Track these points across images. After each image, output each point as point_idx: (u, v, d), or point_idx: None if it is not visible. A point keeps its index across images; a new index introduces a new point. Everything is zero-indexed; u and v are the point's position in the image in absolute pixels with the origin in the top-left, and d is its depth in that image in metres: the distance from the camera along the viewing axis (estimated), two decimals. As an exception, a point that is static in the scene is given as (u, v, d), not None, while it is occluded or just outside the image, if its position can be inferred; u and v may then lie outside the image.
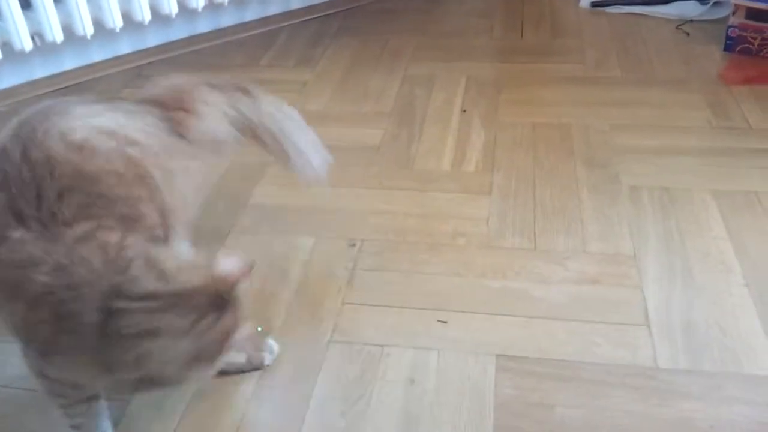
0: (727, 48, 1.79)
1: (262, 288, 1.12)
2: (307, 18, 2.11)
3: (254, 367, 0.98)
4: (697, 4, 2.01)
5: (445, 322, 1.04)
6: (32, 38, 1.64)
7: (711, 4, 1.99)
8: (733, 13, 1.75)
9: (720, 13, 1.95)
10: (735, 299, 1.05)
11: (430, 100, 1.65)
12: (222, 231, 1.25)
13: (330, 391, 0.95)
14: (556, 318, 1.04)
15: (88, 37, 1.70)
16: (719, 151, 1.40)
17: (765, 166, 1.34)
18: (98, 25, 1.72)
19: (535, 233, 1.21)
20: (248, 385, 0.96)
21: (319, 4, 2.16)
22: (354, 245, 1.20)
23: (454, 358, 0.98)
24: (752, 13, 1.73)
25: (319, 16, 2.13)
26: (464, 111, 1.58)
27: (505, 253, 1.17)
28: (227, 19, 2.03)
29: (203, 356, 0.71)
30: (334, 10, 2.15)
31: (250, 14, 2.06)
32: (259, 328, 1.01)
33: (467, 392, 0.93)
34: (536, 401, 0.92)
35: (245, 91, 1.02)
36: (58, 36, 1.65)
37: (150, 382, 0.73)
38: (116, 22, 1.72)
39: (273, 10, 2.09)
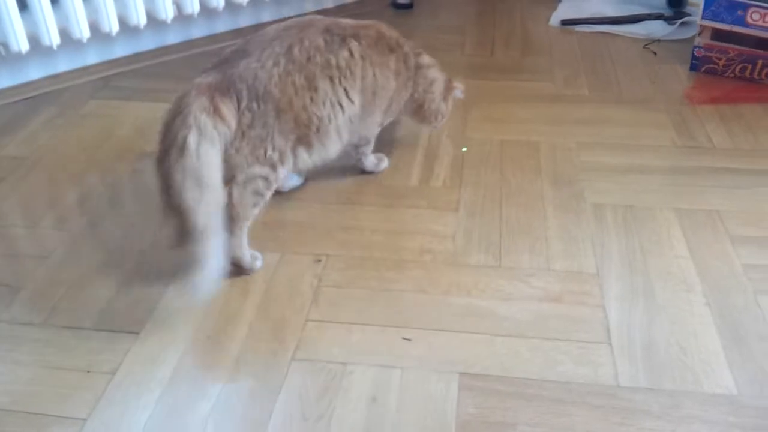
0: (693, 68, 1.82)
1: (224, 303, 1.10)
2: (278, 31, 2.11)
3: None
4: (665, 24, 2.05)
5: (409, 340, 1.04)
6: (-4, 47, 1.62)
7: (678, 24, 2.03)
8: (699, 34, 1.78)
9: (686, 33, 1.99)
10: (696, 318, 1.06)
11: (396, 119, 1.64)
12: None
13: (291, 410, 0.94)
14: (519, 336, 1.04)
15: (55, 48, 1.68)
16: (683, 170, 1.42)
17: (727, 185, 1.36)
18: (65, 35, 1.70)
19: (500, 250, 1.21)
20: (208, 401, 0.95)
21: (291, 17, 2.15)
22: (320, 261, 1.19)
23: (417, 376, 0.97)
24: (718, 34, 1.76)
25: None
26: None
27: (470, 271, 1.17)
28: (197, 31, 2.02)
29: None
30: (306, 24, 2.15)
31: (221, 26, 2.05)
32: (464, 149, 1.41)
33: (430, 411, 0.93)
34: (498, 420, 0.92)
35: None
36: (24, 46, 1.63)
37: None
38: (83, 32, 1.69)
39: (244, 22, 2.09)
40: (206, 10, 1.91)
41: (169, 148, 1.03)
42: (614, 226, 1.26)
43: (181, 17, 1.89)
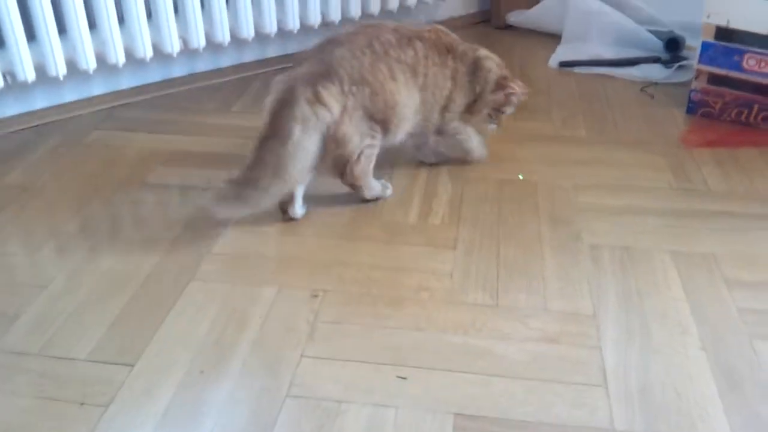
0: (690, 111, 1.85)
1: (219, 338, 1.11)
2: (282, 66, 2.14)
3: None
4: (662, 67, 2.08)
5: (404, 378, 1.04)
6: (3, 77, 1.64)
7: (675, 67, 2.06)
8: (696, 78, 1.81)
9: (683, 77, 2.02)
10: (691, 362, 1.06)
11: (399, 152, 1.66)
12: (183, 278, 1.24)
13: (284, 448, 0.93)
14: (515, 377, 1.04)
15: (61, 78, 1.70)
16: (679, 212, 1.43)
17: (723, 228, 1.38)
18: (71, 65, 1.73)
19: (497, 289, 1.21)
20: (201, 439, 0.94)
21: (294, 53, 2.19)
22: (317, 296, 1.20)
23: (412, 416, 0.97)
24: (714, 78, 1.79)
25: (293, 65, 2.15)
26: (431, 165, 1.60)
27: (467, 309, 1.17)
28: (202, 65, 2.05)
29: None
30: (310, 60, 2.18)
31: (226, 60, 2.08)
32: (521, 176, 1.45)
33: (423, 451, 0.92)
34: (492, 462, 0.91)
35: None
36: (30, 75, 1.65)
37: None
38: (90, 64, 1.72)
39: (248, 57, 2.12)
40: (212, 45, 1.94)
41: (275, 134, 1.23)
42: (611, 267, 1.27)
43: (187, 51, 1.92)
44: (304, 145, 1.24)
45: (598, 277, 1.24)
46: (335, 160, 1.31)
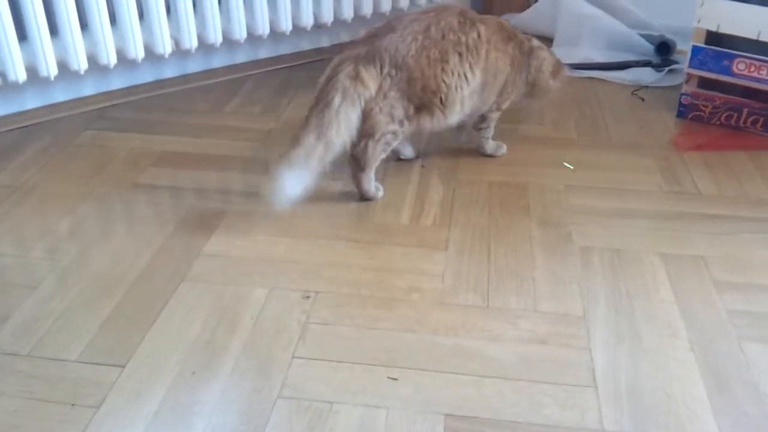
0: (680, 115, 1.86)
1: (210, 338, 1.10)
2: (274, 67, 2.14)
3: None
4: (653, 71, 2.10)
5: (395, 379, 1.04)
6: (-6, 77, 1.64)
7: (665, 71, 2.07)
8: (686, 82, 1.83)
9: (674, 80, 2.03)
10: (680, 363, 1.07)
11: (391, 153, 1.67)
12: (174, 280, 1.23)
13: (275, 449, 0.93)
14: (506, 378, 1.04)
15: (52, 78, 1.70)
16: (669, 215, 1.44)
17: (712, 231, 1.38)
18: (62, 66, 1.72)
19: (488, 291, 1.22)
20: (191, 440, 0.94)
21: (287, 55, 2.19)
22: (308, 297, 1.20)
23: (403, 417, 0.97)
24: (704, 82, 1.81)
25: (286, 66, 2.16)
26: (423, 167, 1.61)
27: (458, 310, 1.17)
28: (194, 65, 2.05)
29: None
30: (302, 61, 2.19)
31: (218, 61, 2.08)
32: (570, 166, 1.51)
33: (414, 452, 0.93)
34: (483, 463, 0.92)
35: None
36: (21, 76, 1.65)
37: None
38: (81, 64, 1.72)
39: (240, 58, 2.12)
40: (203, 46, 1.94)
41: (320, 101, 1.36)
42: (601, 269, 1.27)
43: (179, 52, 1.91)
44: (345, 113, 1.35)
45: (588, 278, 1.25)
46: (360, 131, 1.40)
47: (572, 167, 1.44)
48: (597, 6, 2.25)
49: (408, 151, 1.63)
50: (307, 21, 2.03)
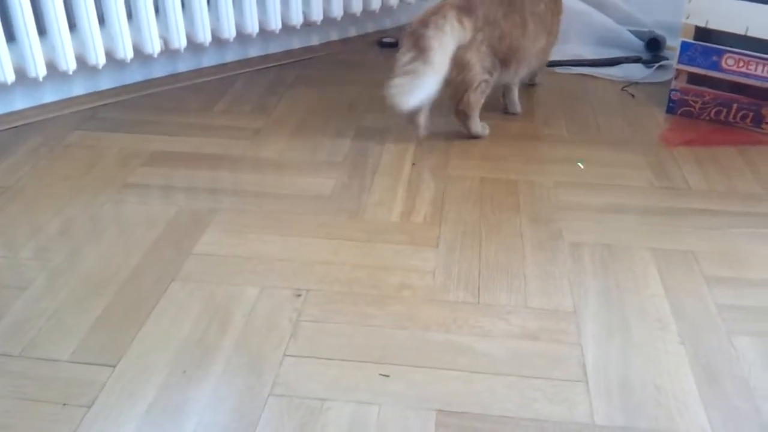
0: (670, 110, 1.87)
1: (201, 337, 1.10)
2: (264, 66, 2.14)
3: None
4: (642, 67, 2.10)
5: (387, 376, 1.04)
6: (-18, 77, 1.63)
7: (655, 67, 2.08)
8: (676, 78, 1.83)
9: (663, 76, 2.04)
10: (670, 357, 1.08)
11: (382, 151, 1.67)
12: (164, 279, 1.23)
13: (267, 446, 0.93)
14: (497, 373, 1.04)
15: (41, 79, 1.69)
16: (659, 210, 1.44)
17: (702, 226, 1.39)
18: (51, 66, 1.72)
19: (479, 287, 1.22)
20: (183, 439, 0.94)
21: (276, 53, 2.19)
22: (299, 295, 1.20)
23: (395, 414, 0.98)
24: (693, 78, 1.81)
25: (276, 65, 2.15)
26: (414, 164, 1.61)
27: (449, 307, 1.18)
28: (183, 65, 2.04)
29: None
30: (292, 60, 2.19)
31: (207, 60, 2.08)
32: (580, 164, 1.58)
33: (406, 448, 0.93)
34: (474, 458, 0.92)
35: None
36: (10, 77, 1.64)
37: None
38: (70, 65, 1.71)
39: (230, 57, 2.12)
40: (193, 45, 1.94)
41: (426, 26, 1.54)
42: (591, 265, 1.28)
43: (168, 51, 1.91)
44: (448, 43, 1.56)
45: (578, 274, 1.25)
46: (457, 85, 1.62)
47: (582, 166, 1.48)
48: (587, 2, 2.26)
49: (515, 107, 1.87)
50: (297, 19, 2.03)
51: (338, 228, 1.38)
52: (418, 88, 1.55)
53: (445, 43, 1.55)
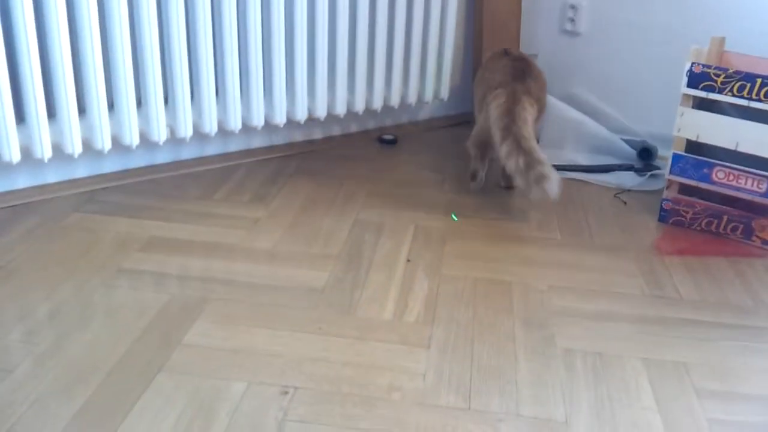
0: (662, 219, 1.90)
1: (185, 434, 1.08)
2: (266, 157, 2.19)
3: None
4: (635, 175, 2.16)
5: (372, 483, 1.01)
6: (-12, 157, 1.66)
7: (647, 176, 2.13)
8: (667, 187, 1.88)
9: (655, 185, 2.09)
10: (663, 475, 1.05)
11: (377, 246, 1.69)
12: (151, 370, 1.21)
13: None
14: (485, 485, 1.02)
15: (45, 161, 1.72)
16: (651, 319, 1.45)
17: (694, 336, 1.39)
18: (57, 149, 1.75)
19: (470, 392, 1.21)
20: None
21: (279, 145, 2.24)
22: (287, 393, 1.18)
23: None
24: (685, 189, 1.86)
25: (277, 156, 2.20)
26: (409, 261, 1.62)
27: (439, 412, 1.16)
28: (187, 152, 2.08)
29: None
30: (293, 152, 2.24)
31: (211, 149, 2.13)
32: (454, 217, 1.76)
33: None
34: None
35: None
36: (15, 157, 1.67)
37: None
38: (76, 148, 1.75)
39: (233, 147, 2.17)
40: (198, 134, 1.99)
41: (515, 122, 1.80)
42: (583, 373, 1.27)
43: (173, 139, 1.96)
44: (530, 123, 1.84)
45: (570, 382, 1.24)
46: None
47: (456, 219, 1.58)
48: (582, 111, 2.34)
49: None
50: (302, 115, 2.09)
51: (330, 324, 1.38)
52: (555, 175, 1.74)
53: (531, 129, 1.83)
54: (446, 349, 1.32)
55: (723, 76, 1.73)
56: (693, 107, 1.80)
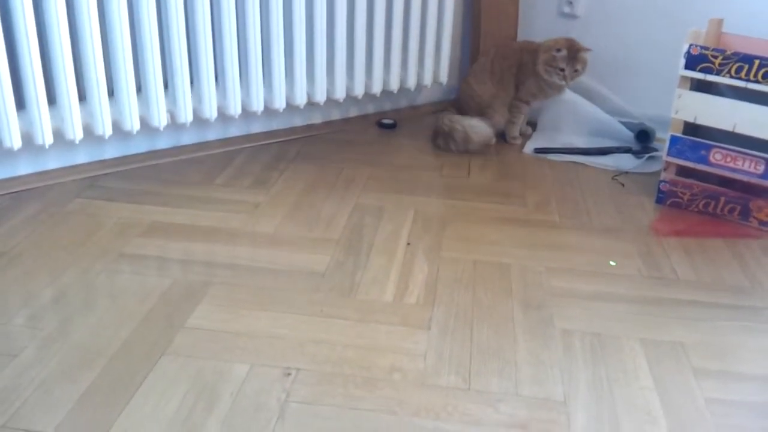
0: (659, 201, 1.91)
1: (188, 415, 1.09)
2: (266, 142, 2.19)
3: None
4: (632, 157, 2.16)
5: (374, 462, 1.03)
6: (-11, 143, 1.67)
7: (645, 158, 2.14)
8: (665, 169, 1.89)
9: (653, 167, 2.10)
10: (659, 452, 1.07)
11: (378, 230, 1.70)
12: (155, 353, 1.23)
13: None
14: (485, 463, 1.04)
15: (47, 147, 1.73)
16: (648, 300, 1.46)
17: (691, 317, 1.41)
18: (58, 135, 1.76)
19: (470, 372, 1.22)
20: None
21: (279, 130, 2.25)
22: (289, 374, 1.20)
23: (380, 501, 0.96)
24: (682, 170, 1.87)
25: (278, 141, 2.21)
26: (409, 244, 1.63)
27: (439, 392, 1.18)
28: (188, 138, 2.09)
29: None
30: (294, 137, 2.24)
31: (211, 134, 2.13)
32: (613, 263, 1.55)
33: None
34: None
35: None
36: (17, 143, 1.68)
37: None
38: (77, 134, 1.75)
39: (234, 132, 2.17)
40: (198, 120, 1.99)
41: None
42: (582, 354, 1.28)
43: (174, 125, 1.96)
44: None
45: (569, 363, 1.26)
46: None
47: (615, 263, 1.49)
48: (579, 94, 2.34)
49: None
50: (301, 100, 2.10)
51: (331, 306, 1.39)
52: None
53: None
54: (446, 331, 1.33)
55: (721, 57, 1.74)
56: (691, 89, 1.80)
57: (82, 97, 1.78)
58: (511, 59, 2.22)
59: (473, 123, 2.18)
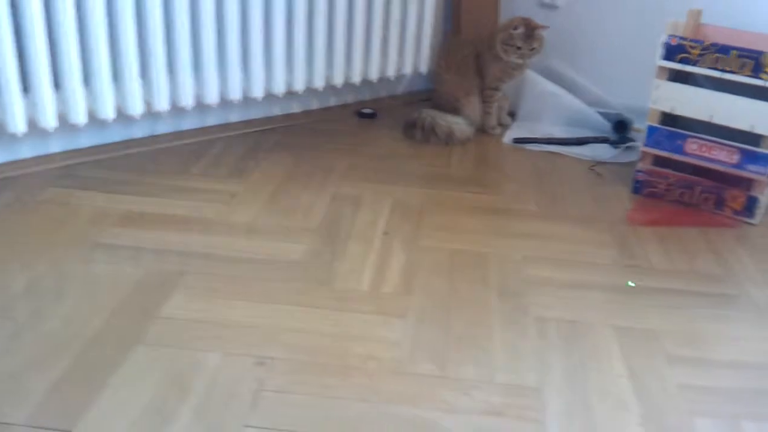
0: (635, 191, 1.92)
1: (161, 405, 1.09)
2: (244, 131, 2.18)
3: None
4: (610, 147, 2.17)
5: (348, 450, 1.03)
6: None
7: (622, 148, 2.15)
8: (641, 159, 1.90)
9: (630, 157, 2.11)
10: (631, 438, 1.08)
11: (355, 219, 1.69)
12: (128, 342, 1.22)
13: None
14: (458, 450, 1.04)
15: (20, 135, 1.70)
16: (623, 288, 1.47)
17: (664, 305, 1.42)
18: (32, 123, 1.73)
19: (445, 360, 1.23)
20: None
21: (257, 119, 2.23)
22: (263, 364, 1.19)
23: (353, 489, 0.96)
24: (658, 161, 1.88)
25: (256, 131, 2.19)
26: (386, 233, 1.63)
27: (414, 380, 1.18)
28: (164, 127, 2.07)
29: None
30: (272, 126, 2.23)
31: (188, 123, 2.11)
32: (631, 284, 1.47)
33: None
34: None
35: None
36: (-13, 131, 1.65)
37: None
38: (51, 123, 1.73)
39: (211, 121, 2.15)
40: (175, 108, 1.97)
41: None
42: (557, 341, 1.29)
43: (149, 113, 1.94)
44: None
45: (543, 350, 1.26)
46: None
47: (634, 284, 1.47)
48: (558, 84, 2.35)
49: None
50: (279, 89, 2.08)
51: (307, 295, 1.39)
52: None
53: None
54: (422, 319, 1.33)
55: (699, 48, 1.75)
56: (668, 80, 1.81)
57: (57, 84, 1.75)
58: (465, 50, 2.24)
59: (457, 120, 2.20)
